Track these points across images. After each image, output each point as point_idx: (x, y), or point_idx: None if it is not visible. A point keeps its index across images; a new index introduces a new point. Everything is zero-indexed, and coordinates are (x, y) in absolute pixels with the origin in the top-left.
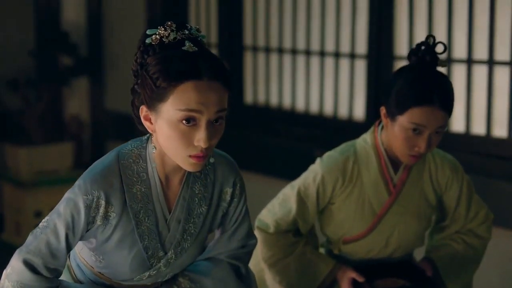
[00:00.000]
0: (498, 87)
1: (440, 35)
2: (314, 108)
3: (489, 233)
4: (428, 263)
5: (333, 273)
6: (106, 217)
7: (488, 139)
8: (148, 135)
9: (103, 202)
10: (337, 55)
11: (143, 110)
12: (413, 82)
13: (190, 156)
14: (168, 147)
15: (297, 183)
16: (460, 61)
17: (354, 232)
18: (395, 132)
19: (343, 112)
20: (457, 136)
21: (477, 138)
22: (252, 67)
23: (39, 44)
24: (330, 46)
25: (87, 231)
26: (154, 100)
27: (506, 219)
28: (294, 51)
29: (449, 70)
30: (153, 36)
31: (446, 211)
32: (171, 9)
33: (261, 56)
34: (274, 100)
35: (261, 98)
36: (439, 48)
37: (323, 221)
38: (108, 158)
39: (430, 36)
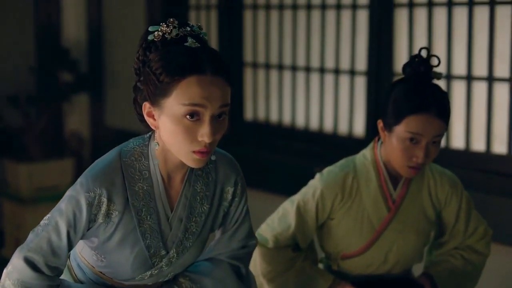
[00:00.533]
0: (497, 103)
1: (440, 51)
2: (314, 124)
3: (488, 249)
4: (427, 278)
5: (333, 286)
6: (108, 215)
7: (488, 155)
8: (150, 133)
9: (105, 200)
10: (337, 71)
11: (146, 107)
12: (408, 92)
13: (193, 151)
14: (172, 143)
15: (297, 198)
16: (459, 77)
17: (353, 247)
18: (392, 144)
19: (343, 128)
20: (457, 152)
21: (477, 154)
22: (252, 84)
23: (39, 60)
24: (330, 63)
25: (89, 229)
26: (158, 95)
27: (506, 235)
28: (294, 68)
29: (448, 87)
30: (155, 32)
31: (445, 227)
32: None
33: (261, 73)
34: (274, 117)
35: (261, 115)
36: (434, 61)
37: (322, 236)
38: (110, 156)
39: (424, 48)
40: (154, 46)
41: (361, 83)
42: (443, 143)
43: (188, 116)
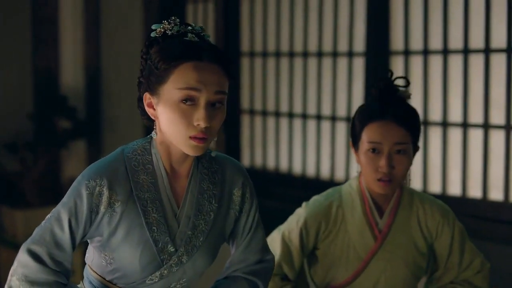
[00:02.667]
0: (493, 150)
1: (436, 98)
2: (311, 171)
3: (486, 283)
4: None
5: None
6: (110, 205)
7: (484, 202)
8: (152, 132)
9: (105, 189)
10: (333, 118)
11: (146, 98)
12: (368, 103)
13: (190, 137)
14: (169, 130)
15: (283, 227)
16: (455, 124)
17: (340, 278)
18: (361, 161)
19: (339, 175)
20: (453, 199)
21: (473, 201)
22: (249, 130)
23: (37, 107)
24: (326, 110)
25: (92, 223)
26: (156, 83)
27: (503, 282)
28: (291, 115)
29: (444, 134)
30: (157, 29)
31: (439, 260)
32: None
33: (258, 119)
34: (271, 163)
35: (258, 161)
36: (399, 82)
37: (310, 267)
38: (113, 152)
39: (388, 70)
40: (156, 42)
41: None
42: (438, 189)
43: (184, 101)
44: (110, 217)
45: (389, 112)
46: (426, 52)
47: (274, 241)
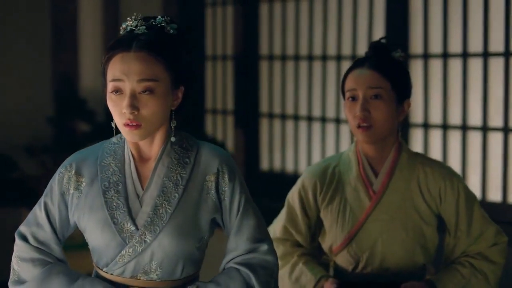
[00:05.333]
0: None
1: (455, 103)
2: None
3: (502, 257)
4: (426, 284)
5: (320, 283)
6: (77, 187)
7: (504, 206)
8: None
9: (73, 173)
10: None
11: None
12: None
13: (124, 125)
14: (114, 120)
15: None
16: (475, 128)
17: (338, 240)
18: (345, 113)
19: None
20: None
21: (493, 205)
22: (268, 134)
23: (57, 110)
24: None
25: (66, 206)
26: (103, 79)
27: None
28: (309, 118)
29: (464, 137)
30: (122, 27)
31: (448, 229)
32: None
33: (277, 123)
34: (289, 167)
35: (277, 165)
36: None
37: (320, 233)
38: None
39: (383, 38)
40: None
41: None
42: None
43: (114, 92)
44: (78, 198)
45: (366, 60)
46: (445, 55)
47: (283, 208)
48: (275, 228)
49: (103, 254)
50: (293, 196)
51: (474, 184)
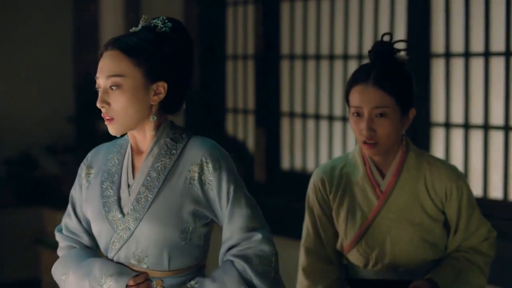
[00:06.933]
0: None
1: (477, 103)
2: None
3: (492, 250)
4: (428, 282)
5: None
6: (87, 178)
7: None
8: None
9: (86, 166)
10: None
11: None
12: (360, 66)
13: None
14: None
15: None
16: (497, 127)
17: (348, 238)
18: (350, 124)
19: None
20: (494, 202)
21: None
22: (289, 133)
23: (78, 110)
24: None
25: (83, 196)
26: None
27: None
28: (330, 118)
29: (486, 137)
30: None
31: (450, 226)
32: (207, 81)
33: (298, 122)
34: (311, 166)
35: (298, 164)
36: (399, 45)
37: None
38: None
39: (386, 34)
40: None
41: None
42: (479, 192)
43: (97, 89)
44: (87, 189)
45: (371, 75)
46: (467, 55)
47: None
48: (304, 240)
49: (100, 242)
50: (309, 198)
51: (496, 184)
